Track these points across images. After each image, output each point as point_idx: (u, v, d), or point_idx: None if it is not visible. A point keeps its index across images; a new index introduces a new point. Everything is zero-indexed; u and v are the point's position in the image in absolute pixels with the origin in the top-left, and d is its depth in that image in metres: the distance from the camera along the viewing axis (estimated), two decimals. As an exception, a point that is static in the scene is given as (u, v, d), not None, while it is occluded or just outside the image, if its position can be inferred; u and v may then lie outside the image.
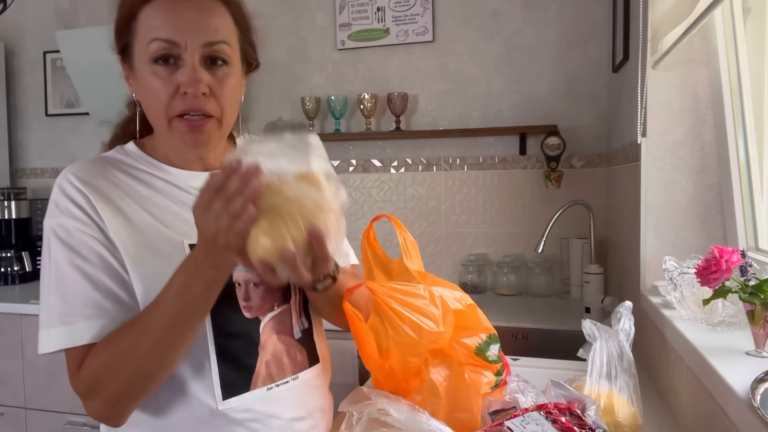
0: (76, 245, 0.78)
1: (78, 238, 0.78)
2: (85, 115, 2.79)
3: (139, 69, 0.81)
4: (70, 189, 0.80)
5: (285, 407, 0.86)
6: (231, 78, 0.83)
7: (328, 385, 1.00)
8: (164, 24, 0.78)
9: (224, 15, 0.82)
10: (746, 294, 0.82)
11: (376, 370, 0.89)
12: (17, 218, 2.72)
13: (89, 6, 2.81)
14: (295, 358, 0.89)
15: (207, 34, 0.79)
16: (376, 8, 2.47)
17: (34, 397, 2.26)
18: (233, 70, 0.83)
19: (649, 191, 1.37)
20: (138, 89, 0.84)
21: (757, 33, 1.13)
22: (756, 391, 0.67)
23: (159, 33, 0.78)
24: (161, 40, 0.77)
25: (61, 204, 0.80)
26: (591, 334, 0.93)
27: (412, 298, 0.87)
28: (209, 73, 0.80)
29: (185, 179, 0.88)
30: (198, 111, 0.79)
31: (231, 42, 0.83)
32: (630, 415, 0.89)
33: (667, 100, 1.35)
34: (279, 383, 0.86)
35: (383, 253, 1.15)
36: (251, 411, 0.83)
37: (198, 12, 0.79)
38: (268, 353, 0.86)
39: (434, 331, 0.86)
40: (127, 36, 0.82)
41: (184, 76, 0.78)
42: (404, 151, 2.49)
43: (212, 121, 0.81)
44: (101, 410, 0.77)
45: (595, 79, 2.25)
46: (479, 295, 2.30)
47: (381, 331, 0.87)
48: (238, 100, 0.86)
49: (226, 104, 0.82)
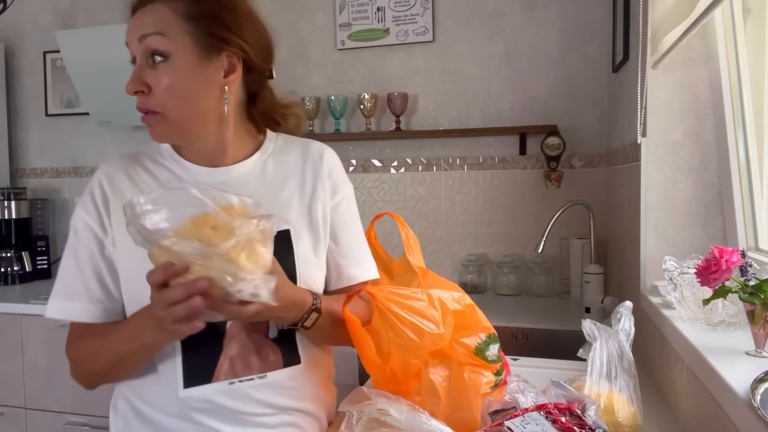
0: (80, 235, 0.92)
1: (82, 229, 0.92)
2: (85, 115, 2.79)
3: None
4: (95, 186, 0.93)
5: (248, 404, 0.88)
6: (171, 73, 0.84)
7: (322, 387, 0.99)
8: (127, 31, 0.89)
9: (163, 11, 0.85)
10: (746, 294, 0.82)
11: (377, 373, 0.89)
12: (17, 218, 2.72)
13: (89, 6, 2.81)
14: (266, 357, 0.90)
15: (140, 29, 0.85)
16: (376, 8, 2.47)
17: (34, 397, 2.26)
18: (173, 63, 0.85)
19: (649, 191, 1.37)
20: None
21: (757, 33, 1.13)
22: (756, 391, 0.67)
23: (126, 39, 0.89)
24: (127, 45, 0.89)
25: (83, 197, 0.93)
26: (591, 334, 0.93)
27: (412, 301, 0.87)
28: (152, 70, 0.85)
29: (198, 175, 0.94)
30: (140, 109, 0.87)
31: (169, 33, 0.84)
32: (630, 415, 0.89)
33: (667, 100, 1.35)
34: (242, 379, 0.88)
35: (384, 253, 1.16)
36: (211, 402, 0.87)
37: (141, 15, 0.87)
38: (234, 349, 0.88)
39: (435, 332, 0.87)
40: None
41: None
42: (404, 151, 2.49)
43: (157, 117, 0.86)
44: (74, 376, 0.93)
45: (595, 79, 2.25)
46: (479, 295, 2.30)
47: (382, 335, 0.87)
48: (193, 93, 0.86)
49: (163, 100, 0.85)
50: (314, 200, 0.97)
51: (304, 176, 0.98)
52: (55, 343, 2.21)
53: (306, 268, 0.93)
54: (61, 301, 0.92)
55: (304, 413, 0.95)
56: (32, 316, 2.22)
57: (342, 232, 1.00)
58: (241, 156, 0.96)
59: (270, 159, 0.98)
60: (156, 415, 0.89)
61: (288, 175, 0.98)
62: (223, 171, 0.94)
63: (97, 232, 0.91)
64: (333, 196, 0.99)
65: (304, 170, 0.99)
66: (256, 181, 0.95)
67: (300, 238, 0.94)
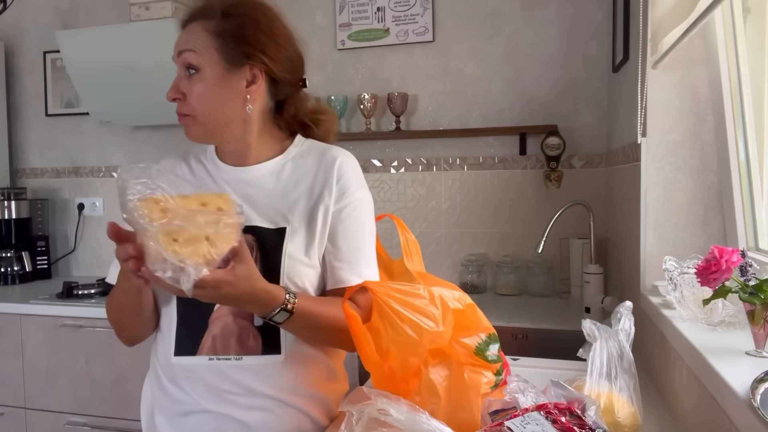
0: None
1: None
2: (85, 115, 2.79)
3: None
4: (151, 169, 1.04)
5: (223, 381, 0.96)
6: (201, 83, 0.97)
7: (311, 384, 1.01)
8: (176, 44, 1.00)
9: (198, 30, 0.98)
10: (746, 294, 0.82)
11: (376, 370, 0.89)
12: (17, 218, 2.72)
13: (89, 6, 2.81)
14: (246, 341, 0.97)
15: (179, 45, 0.98)
16: (376, 8, 2.47)
17: (34, 397, 2.26)
18: (203, 75, 0.97)
19: (649, 191, 1.37)
20: None
21: (757, 33, 1.13)
22: (756, 391, 0.67)
23: None
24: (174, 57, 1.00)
25: None
26: (591, 334, 0.92)
27: (412, 297, 0.87)
28: (188, 80, 0.98)
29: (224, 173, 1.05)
30: (177, 113, 0.99)
31: (199, 49, 0.97)
32: (630, 415, 0.89)
33: (667, 100, 1.35)
34: (221, 357, 0.97)
35: (385, 253, 1.16)
36: (193, 372, 0.97)
37: (186, 33, 0.99)
38: (217, 329, 0.96)
39: (434, 330, 0.86)
40: None
41: None
42: (404, 151, 2.49)
43: (189, 119, 0.99)
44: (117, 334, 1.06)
45: (595, 79, 2.25)
46: (479, 295, 2.30)
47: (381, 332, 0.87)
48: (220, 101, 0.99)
49: (194, 106, 0.97)
50: (318, 202, 1.02)
51: (315, 179, 1.04)
52: (55, 343, 2.21)
53: (292, 265, 0.98)
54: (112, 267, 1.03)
55: (282, 403, 0.98)
56: (32, 316, 2.22)
57: (341, 236, 1.02)
58: (263, 158, 1.05)
59: (289, 162, 1.06)
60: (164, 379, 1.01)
61: (301, 178, 1.04)
62: (244, 170, 1.04)
63: None
64: (338, 201, 1.02)
65: (317, 174, 1.04)
66: (272, 182, 1.03)
67: (294, 237, 0.99)
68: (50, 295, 2.32)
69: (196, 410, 0.97)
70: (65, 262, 2.91)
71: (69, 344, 2.19)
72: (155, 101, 1.55)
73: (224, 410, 0.96)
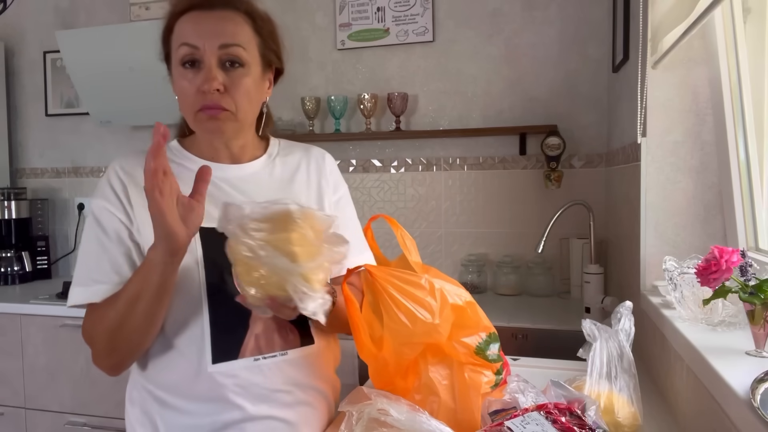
0: (102, 221, 0.94)
1: (104, 216, 0.94)
2: (85, 115, 2.79)
3: (174, 73, 0.96)
4: (112, 176, 0.97)
5: (269, 378, 0.94)
6: (246, 78, 0.95)
7: (331, 369, 1.07)
8: (189, 31, 0.93)
9: (241, 23, 0.96)
10: (746, 294, 0.82)
11: (370, 359, 0.89)
12: (17, 218, 2.72)
13: (89, 6, 2.81)
14: (287, 336, 0.97)
15: (223, 38, 0.93)
16: (376, 8, 2.47)
17: (34, 397, 2.26)
18: (249, 71, 0.95)
19: (649, 191, 1.37)
20: (174, 91, 0.97)
21: (757, 33, 1.13)
22: (756, 391, 0.67)
23: (186, 38, 0.93)
24: (186, 45, 0.92)
25: (101, 188, 0.97)
26: (591, 334, 0.93)
27: (411, 286, 0.87)
28: (226, 73, 0.93)
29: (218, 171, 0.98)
30: (214, 106, 0.92)
31: (247, 47, 0.95)
32: (630, 415, 0.89)
33: (667, 100, 1.35)
34: (266, 356, 0.94)
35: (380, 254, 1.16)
36: (237, 377, 0.92)
37: (217, 21, 0.94)
38: (259, 327, 0.94)
39: (428, 321, 0.86)
40: (167, 46, 0.98)
41: (201, 77, 0.92)
42: (404, 151, 2.49)
43: (227, 114, 0.94)
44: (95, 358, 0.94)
45: (595, 79, 2.25)
46: (479, 295, 2.29)
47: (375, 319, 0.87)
48: (256, 99, 0.99)
49: (239, 100, 0.94)
50: (321, 195, 1.08)
51: (309, 174, 1.09)
52: (55, 343, 2.21)
53: None
54: (84, 287, 0.92)
55: (318, 392, 1.01)
56: (32, 316, 2.22)
57: (344, 225, 1.06)
58: (255, 155, 1.06)
59: (277, 159, 1.08)
60: (179, 401, 0.93)
61: (294, 173, 1.08)
62: (240, 167, 1.03)
63: (122, 219, 0.94)
64: (335, 193, 1.11)
65: (309, 169, 1.09)
66: (267, 178, 1.04)
67: None
68: (50, 295, 2.32)
69: (236, 420, 0.92)
70: (65, 262, 2.90)
71: (69, 344, 2.19)
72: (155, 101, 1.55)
73: (270, 412, 0.93)
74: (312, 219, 0.82)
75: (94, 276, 0.92)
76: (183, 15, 0.94)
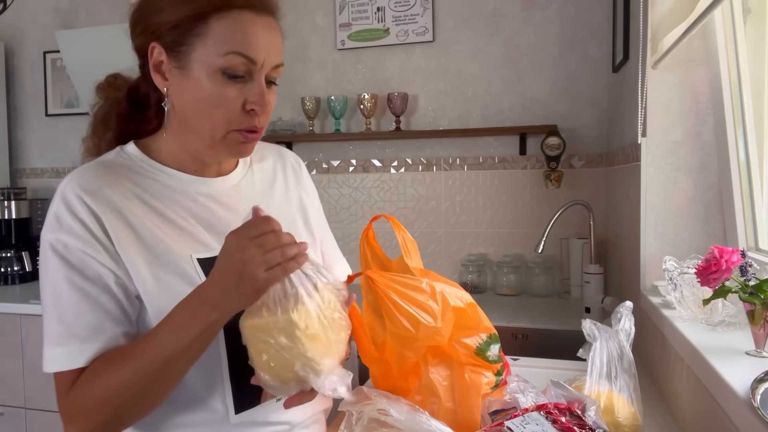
0: (77, 263, 0.75)
1: (78, 257, 0.75)
2: (85, 115, 2.77)
3: (198, 74, 0.78)
4: (75, 203, 0.76)
5: (294, 415, 0.88)
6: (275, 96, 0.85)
7: None
8: (245, 40, 0.77)
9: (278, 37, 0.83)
10: (746, 294, 0.82)
11: (372, 364, 0.89)
12: (17, 218, 2.72)
13: (89, 6, 2.81)
14: None
15: (278, 56, 0.81)
16: (376, 8, 2.47)
17: (34, 397, 2.26)
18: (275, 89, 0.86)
19: (649, 191, 1.37)
20: (185, 91, 0.80)
21: (757, 33, 1.13)
22: (756, 391, 0.67)
23: (239, 47, 0.77)
24: (241, 56, 0.77)
25: (63, 219, 0.76)
26: (591, 334, 0.92)
27: (412, 291, 0.87)
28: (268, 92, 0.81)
29: (193, 185, 0.86)
30: (256, 129, 0.81)
31: None
32: (630, 415, 0.89)
33: (667, 100, 1.35)
34: None
35: (382, 253, 1.15)
36: (262, 422, 0.85)
37: (271, 33, 0.80)
38: None
39: (431, 326, 0.86)
40: (187, 34, 0.78)
41: (254, 95, 0.78)
42: (404, 151, 2.49)
43: (257, 136, 0.83)
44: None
45: (595, 79, 2.25)
46: (479, 295, 2.30)
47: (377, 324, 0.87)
48: None
49: (267, 121, 0.84)
50: (305, 209, 1.01)
51: (287, 183, 1.00)
52: (55, 343, 2.21)
53: None
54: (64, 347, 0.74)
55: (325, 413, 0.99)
56: (32, 316, 2.22)
57: (327, 237, 1.07)
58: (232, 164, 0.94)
59: (254, 165, 0.97)
60: None
61: (272, 181, 0.98)
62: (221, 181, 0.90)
63: (104, 263, 0.76)
64: (312, 203, 1.04)
65: (286, 176, 1.01)
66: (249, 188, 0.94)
67: None
68: (50, 295, 2.32)
69: None
70: (65, 262, 2.90)
71: (69, 344, 2.19)
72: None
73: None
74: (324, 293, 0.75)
75: (77, 332, 0.74)
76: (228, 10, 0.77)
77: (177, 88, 0.81)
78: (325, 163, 2.56)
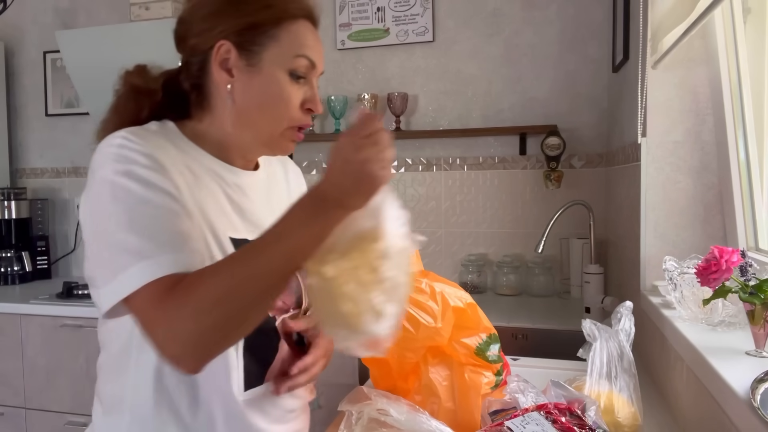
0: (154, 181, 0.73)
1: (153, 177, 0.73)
2: (85, 115, 2.79)
3: (270, 72, 0.83)
4: (130, 143, 0.75)
5: (285, 398, 0.90)
6: None
7: None
8: (311, 46, 0.86)
9: None
10: (746, 294, 0.82)
11: (372, 363, 0.89)
12: (17, 218, 2.72)
13: (89, 6, 2.81)
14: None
15: (323, 65, 0.90)
16: (376, 8, 2.47)
17: (34, 397, 2.26)
18: None
19: (649, 191, 1.37)
20: (251, 88, 0.84)
21: (757, 33, 1.13)
22: (756, 391, 0.67)
23: (308, 53, 0.86)
24: (309, 60, 0.86)
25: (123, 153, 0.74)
26: (591, 334, 0.93)
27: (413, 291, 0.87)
28: None
29: (228, 173, 0.90)
30: (305, 126, 0.89)
31: None
32: (630, 415, 0.89)
33: (667, 100, 1.35)
34: None
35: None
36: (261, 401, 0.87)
37: (321, 44, 0.90)
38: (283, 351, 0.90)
39: (431, 326, 0.86)
40: (262, 36, 0.83)
41: (312, 95, 0.87)
42: (404, 151, 2.49)
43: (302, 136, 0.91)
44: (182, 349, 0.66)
45: (595, 79, 2.25)
46: (479, 295, 2.29)
47: None
48: None
49: None
50: None
51: (290, 189, 1.05)
52: (54, 343, 2.21)
53: None
54: (169, 254, 0.69)
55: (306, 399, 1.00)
56: (32, 316, 2.22)
57: None
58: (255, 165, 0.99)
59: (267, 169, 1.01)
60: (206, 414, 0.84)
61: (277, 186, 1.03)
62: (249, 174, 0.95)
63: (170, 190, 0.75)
64: None
65: (288, 183, 1.05)
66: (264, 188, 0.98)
67: None
68: (50, 295, 2.32)
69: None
70: (65, 262, 2.90)
71: (69, 344, 2.19)
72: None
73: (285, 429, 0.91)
74: None
75: (164, 240, 0.70)
76: (297, 19, 0.85)
77: (243, 84, 0.84)
78: (325, 163, 2.56)
